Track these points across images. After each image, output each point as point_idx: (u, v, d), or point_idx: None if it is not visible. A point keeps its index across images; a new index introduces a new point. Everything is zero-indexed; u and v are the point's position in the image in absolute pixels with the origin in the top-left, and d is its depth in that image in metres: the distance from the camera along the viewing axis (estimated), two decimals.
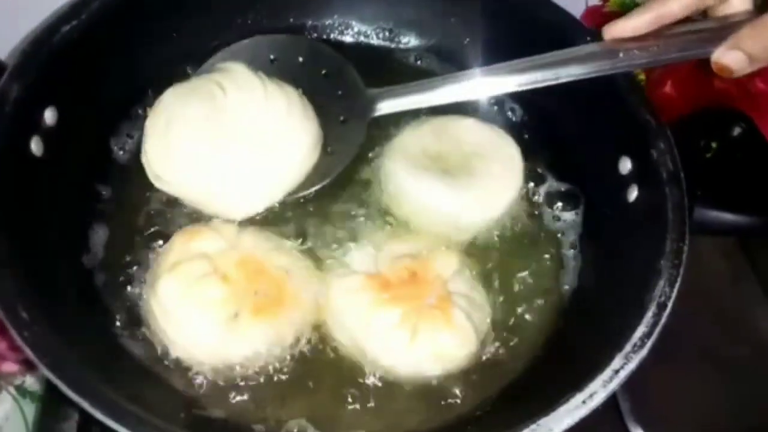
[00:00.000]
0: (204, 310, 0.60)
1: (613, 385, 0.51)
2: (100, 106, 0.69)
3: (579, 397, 0.50)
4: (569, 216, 0.71)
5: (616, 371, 0.51)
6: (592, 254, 0.68)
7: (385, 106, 0.70)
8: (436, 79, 0.69)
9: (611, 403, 0.64)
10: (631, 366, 0.52)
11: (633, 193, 0.65)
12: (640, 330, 0.53)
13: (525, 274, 0.68)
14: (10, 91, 0.59)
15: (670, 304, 0.54)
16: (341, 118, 0.71)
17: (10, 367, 0.71)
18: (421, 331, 0.62)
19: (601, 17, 0.86)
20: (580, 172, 0.72)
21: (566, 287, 0.67)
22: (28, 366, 0.72)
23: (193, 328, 0.60)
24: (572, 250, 0.69)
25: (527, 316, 0.66)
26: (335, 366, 0.62)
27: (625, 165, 0.67)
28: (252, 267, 0.63)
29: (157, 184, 0.67)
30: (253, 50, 0.74)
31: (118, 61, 0.70)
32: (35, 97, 0.61)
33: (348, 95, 0.72)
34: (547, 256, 0.69)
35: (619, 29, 0.61)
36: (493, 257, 0.69)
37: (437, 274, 0.65)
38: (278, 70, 0.72)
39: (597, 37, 0.63)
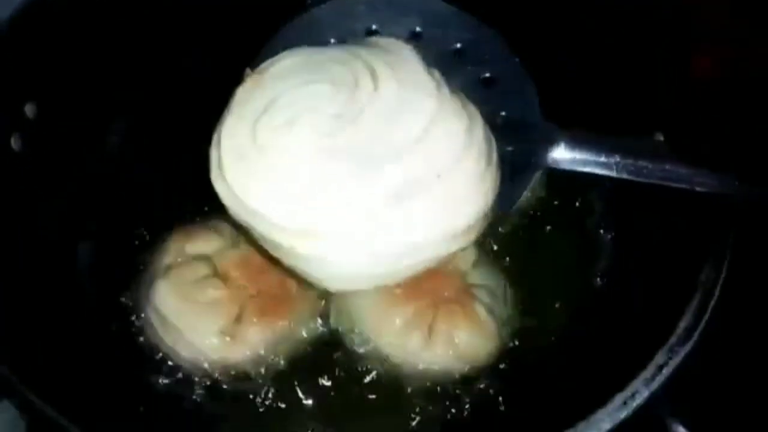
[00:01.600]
0: (204, 316, 0.56)
1: (657, 382, 0.45)
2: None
3: (619, 398, 0.45)
4: (599, 195, 0.64)
5: (660, 367, 0.46)
6: (627, 238, 0.61)
7: (571, 157, 0.53)
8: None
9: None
10: (677, 360, 0.46)
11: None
12: (686, 320, 0.47)
13: (552, 261, 0.62)
14: None
15: (717, 290, 0.48)
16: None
17: None
18: (439, 328, 0.57)
19: None
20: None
21: (598, 277, 0.61)
22: None
23: (192, 335, 0.56)
24: (605, 234, 0.63)
25: (557, 308, 0.60)
26: (344, 363, 0.58)
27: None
28: (254, 266, 0.58)
29: (228, 204, 0.48)
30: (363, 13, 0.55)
31: None
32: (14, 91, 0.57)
33: (514, 121, 0.54)
34: (576, 241, 0.63)
35: None
36: (517, 244, 0.63)
37: (454, 266, 0.60)
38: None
39: None
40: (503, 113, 0.55)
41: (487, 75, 0.56)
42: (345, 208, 0.45)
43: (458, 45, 0.56)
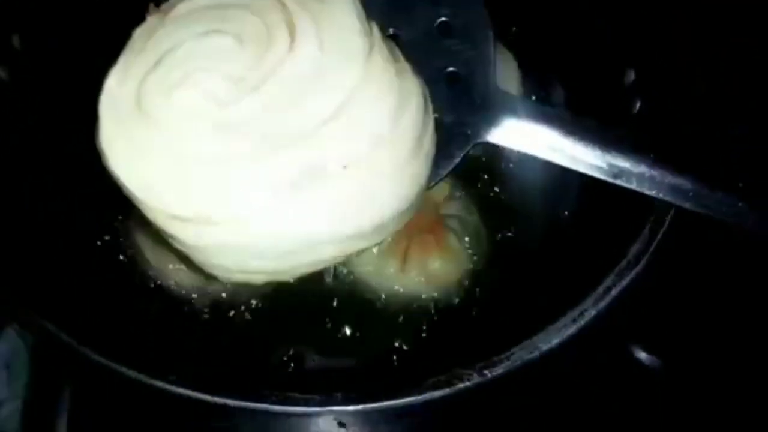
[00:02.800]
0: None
1: (604, 303, 0.49)
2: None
3: (569, 315, 0.49)
4: None
5: (609, 288, 0.49)
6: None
7: (511, 131, 0.47)
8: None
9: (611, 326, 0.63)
10: (624, 283, 0.50)
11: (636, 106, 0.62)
12: (635, 247, 0.51)
13: (522, 195, 0.66)
14: None
15: (668, 219, 0.51)
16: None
17: None
18: (413, 256, 0.61)
19: None
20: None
21: (566, 211, 0.65)
22: None
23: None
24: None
25: (523, 237, 0.64)
26: (328, 290, 0.61)
27: (630, 76, 0.63)
28: None
29: (121, 178, 0.41)
30: None
31: None
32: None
33: (460, 80, 0.46)
34: (547, 177, 0.66)
35: None
36: (493, 178, 0.66)
37: (428, 198, 0.63)
38: None
39: None
40: (450, 68, 0.48)
41: (444, 19, 0.49)
42: (237, 193, 0.38)
43: None
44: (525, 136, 0.49)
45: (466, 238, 0.62)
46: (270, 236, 0.40)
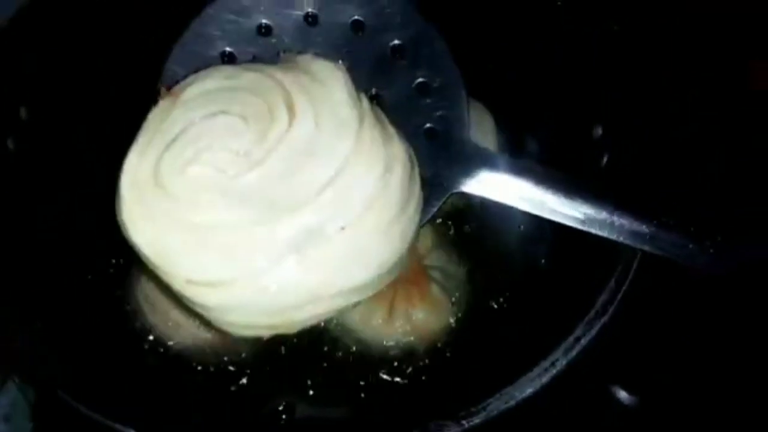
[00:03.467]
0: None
1: (575, 352, 0.52)
2: None
3: (542, 365, 0.52)
4: None
5: (578, 338, 0.53)
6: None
7: (484, 182, 0.51)
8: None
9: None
10: (593, 332, 0.53)
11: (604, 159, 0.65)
12: (603, 296, 0.54)
13: (500, 243, 0.69)
14: None
15: (632, 269, 0.55)
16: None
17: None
18: (398, 306, 0.64)
19: None
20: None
21: (543, 259, 0.68)
22: None
23: (178, 317, 0.61)
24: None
25: (503, 286, 0.67)
26: (318, 337, 0.64)
27: (597, 131, 0.67)
28: None
29: (141, 246, 0.45)
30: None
31: None
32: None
33: (438, 135, 0.50)
34: (522, 227, 0.70)
35: None
36: (475, 231, 0.70)
37: (413, 250, 0.66)
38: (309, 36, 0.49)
39: None
40: (428, 125, 0.52)
41: (422, 80, 0.52)
42: (243, 258, 0.43)
43: (396, 42, 0.51)
44: (496, 187, 0.53)
45: (450, 290, 0.65)
46: (275, 294, 0.44)
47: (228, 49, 0.53)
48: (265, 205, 0.43)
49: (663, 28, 0.77)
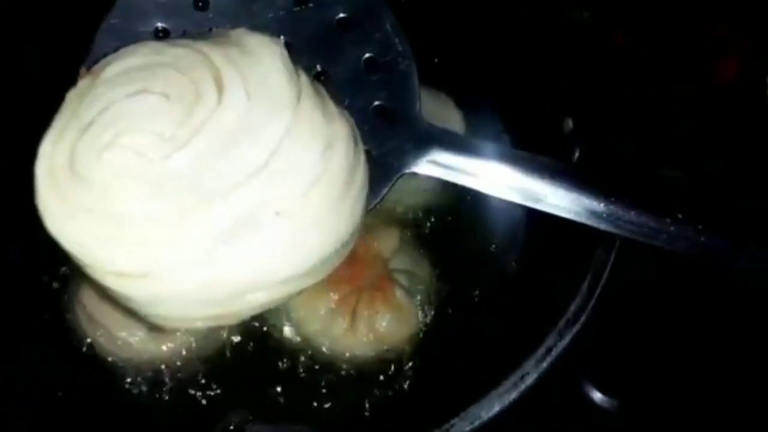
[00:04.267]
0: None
1: (546, 364, 0.49)
2: None
3: (511, 379, 0.49)
4: None
5: (549, 349, 0.50)
6: (537, 226, 0.64)
7: (438, 163, 0.48)
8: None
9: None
10: (565, 342, 0.50)
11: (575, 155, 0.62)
12: (574, 305, 0.51)
13: (469, 245, 0.66)
14: None
15: (604, 276, 0.52)
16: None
17: None
18: (361, 314, 0.60)
19: None
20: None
21: (514, 262, 0.65)
22: None
23: (118, 330, 0.58)
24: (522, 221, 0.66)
25: (472, 291, 0.64)
26: (275, 349, 0.61)
27: (568, 124, 0.64)
28: None
29: (57, 236, 0.41)
30: None
31: None
32: None
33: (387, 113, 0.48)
34: (492, 228, 0.66)
35: None
36: (443, 230, 0.66)
37: (377, 254, 0.63)
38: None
39: None
40: (377, 102, 0.49)
41: (370, 55, 0.49)
42: (169, 249, 0.39)
43: (342, 15, 0.49)
44: (448, 166, 0.48)
45: (416, 294, 0.62)
46: (206, 285, 0.40)
47: (161, 24, 0.49)
48: (191, 192, 0.39)
49: (632, 18, 0.75)
